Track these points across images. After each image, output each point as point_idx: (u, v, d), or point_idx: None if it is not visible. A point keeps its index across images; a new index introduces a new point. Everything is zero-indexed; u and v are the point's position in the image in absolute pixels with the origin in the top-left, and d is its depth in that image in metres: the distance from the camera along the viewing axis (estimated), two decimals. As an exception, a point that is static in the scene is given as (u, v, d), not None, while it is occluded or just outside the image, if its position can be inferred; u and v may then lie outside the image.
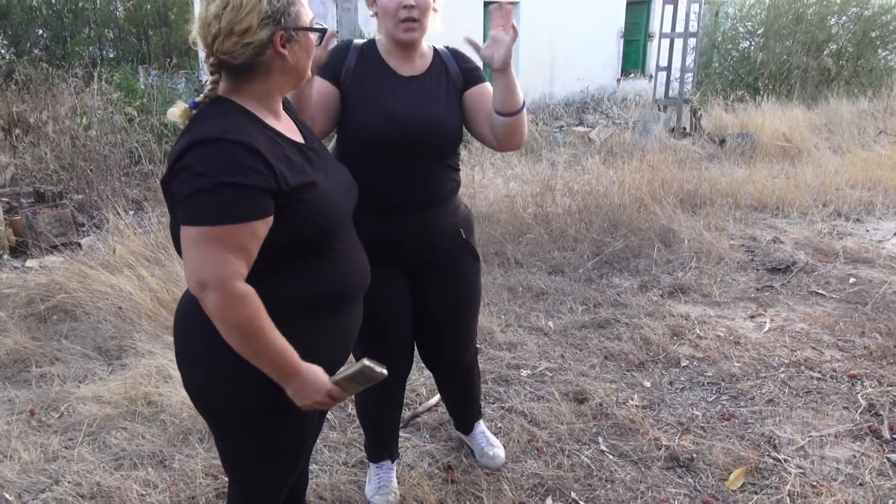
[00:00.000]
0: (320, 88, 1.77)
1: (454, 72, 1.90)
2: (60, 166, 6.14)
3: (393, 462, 2.32)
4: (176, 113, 1.31)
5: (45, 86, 7.38)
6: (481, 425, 2.52)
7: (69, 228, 4.86)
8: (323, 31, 1.39)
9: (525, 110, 1.82)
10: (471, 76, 1.91)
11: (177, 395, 2.78)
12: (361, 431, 2.61)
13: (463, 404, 2.44)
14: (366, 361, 1.36)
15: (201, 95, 1.32)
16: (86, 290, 3.75)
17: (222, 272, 1.20)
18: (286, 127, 1.41)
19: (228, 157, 1.21)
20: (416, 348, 2.18)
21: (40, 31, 18.34)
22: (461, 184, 2.02)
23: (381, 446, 2.29)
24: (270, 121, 1.35)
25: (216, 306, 1.21)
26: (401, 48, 1.84)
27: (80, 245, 4.70)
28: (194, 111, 1.31)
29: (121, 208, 4.89)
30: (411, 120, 1.79)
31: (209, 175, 1.19)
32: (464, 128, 1.94)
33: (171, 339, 3.28)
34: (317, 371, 1.33)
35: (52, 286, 3.85)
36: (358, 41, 1.88)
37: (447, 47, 1.97)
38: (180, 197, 1.22)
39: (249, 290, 1.23)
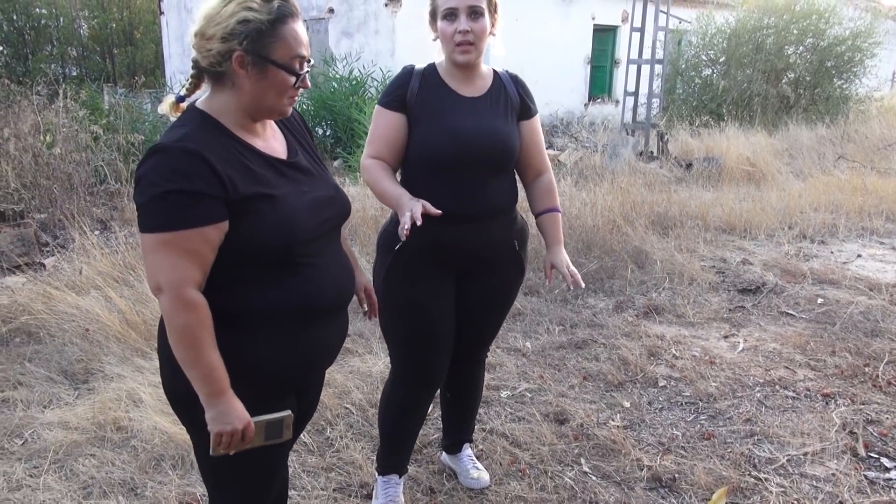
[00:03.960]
0: (390, 122, 1.89)
1: (513, 95, 2.00)
2: (22, 185, 5.95)
3: (401, 477, 2.29)
4: (164, 106, 1.42)
5: (6, 103, 7.19)
6: (468, 449, 2.49)
7: (32, 248, 4.71)
8: (296, 75, 1.36)
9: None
10: (527, 107, 2.03)
11: (148, 419, 2.69)
12: (340, 457, 2.57)
13: (462, 408, 2.41)
14: (290, 412, 1.39)
15: (184, 89, 1.41)
16: (50, 312, 3.63)
17: (175, 277, 1.26)
18: (265, 141, 1.44)
19: (175, 165, 1.26)
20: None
21: (1, 48, 17.99)
22: (518, 196, 2.08)
23: (393, 459, 2.26)
24: (240, 132, 1.38)
25: (167, 308, 1.28)
26: (460, 70, 1.93)
27: (43, 265, 4.56)
28: (180, 104, 1.41)
29: (86, 227, 4.76)
30: (473, 135, 1.88)
31: (158, 183, 1.25)
32: None
33: (141, 361, 3.19)
34: (240, 403, 1.34)
35: (15, 307, 3.72)
36: (419, 66, 1.96)
37: (507, 71, 2.06)
38: (137, 206, 1.29)
39: (200, 300, 1.29)
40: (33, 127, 6.62)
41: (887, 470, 2.51)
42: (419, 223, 1.65)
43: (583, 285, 1.94)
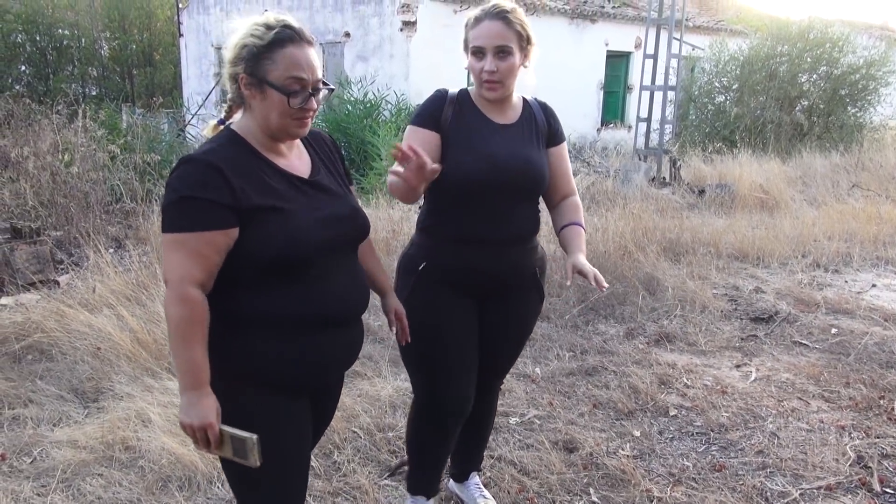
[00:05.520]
0: (424, 138, 1.90)
1: (541, 122, 2.03)
2: (39, 202, 6.03)
3: (429, 499, 2.28)
4: (207, 130, 1.58)
5: (27, 122, 7.31)
6: (476, 477, 2.46)
7: (47, 266, 4.76)
8: (287, 94, 1.44)
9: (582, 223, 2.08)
10: (555, 134, 2.06)
11: (156, 440, 2.69)
12: (347, 481, 2.55)
13: (471, 438, 2.37)
14: (256, 437, 1.43)
15: (223, 114, 1.58)
16: (63, 330, 3.65)
17: (179, 273, 1.39)
18: (289, 160, 1.55)
19: (193, 175, 1.41)
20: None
21: (23, 68, 18.34)
22: (539, 225, 2.09)
23: (423, 478, 2.24)
24: (264, 151, 1.50)
25: (167, 300, 1.41)
26: (488, 100, 1.96)
27: (58, 283, 4.60)
28: (220, 126, 1.56)
29: (101, 246, 4.81)
30: (506, 162, 1.90)
31: (178, 189, 1.40)
32: None
33: (150, 381, 3.20)
34: (213, 404, 1.43)
35: (28, 325, 3.75)
36: (452, 91, 1.99)
37: (536, 99, 2.10)
38: (161, 209, 1.44)
39: (197, 297, 1.40)
40: (52, 146, 6.72)
41: (903, 506, 2.46)
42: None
43: (606, 286, 1.88)
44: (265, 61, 1.43)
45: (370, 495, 2.45)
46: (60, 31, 18.73)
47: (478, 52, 1.88)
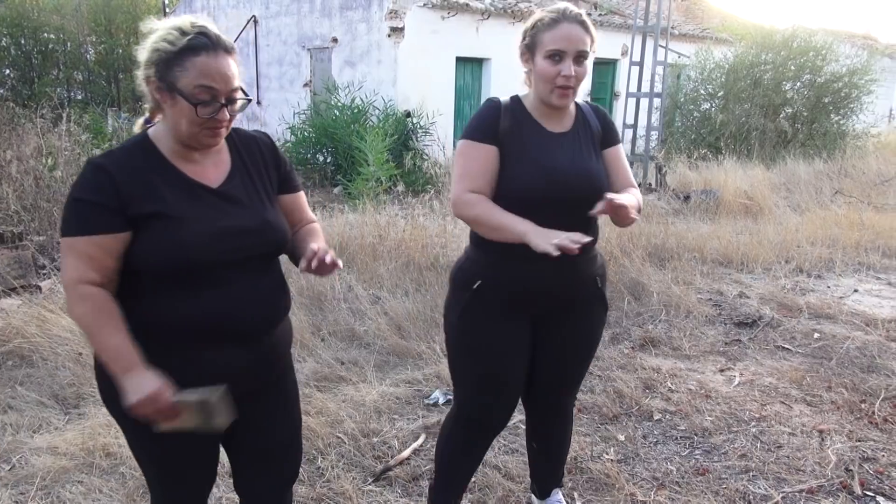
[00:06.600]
0: (483, 154, 1.84)
1: (595, 126, 1.97)
2: (22, 206, 5.98)
3: None
4: (136, 128, 1.56)
5: (10, 125, 7.25)
6: (559, 494, 2.39)
7: (29, 271, 4.70)
8: (195, 104, 1.39)
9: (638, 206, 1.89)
10: (609, 135, 2.00)
11: (138, 446, 2.66)
12: (330, 487, 2.54)
13: (548, 457, 2.34)
14: (219, 393, 1.42)
15: (147, 113, 1.55)
16: (44, 335, 3.61)
17: (71, 275, 1.40)
18: (201, 167, 1.51)
19: (86, 178, 1.41)
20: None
21: (7, 71, 18.19)
22: (599, 234, 2.03)
23: (448, 494, 2.21)
24: (172, 156, 1.48)
25: (67, 303, 1.42)
26: (549, 107, 1.89)
27: (39, 288, 4.55)
28: (147, 125, 1.54)
29: (84, 251, 4.76)
30: (567, 174, 1.85)
31: (72, 192, 1.42)
32: None
33: (133, 387, 3.16)
34: (155, 376, 1.40)
35: (9, 330, 3.70)
36: (503, 99, 1.92)
37: (588, 102, 2.04)
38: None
39: (93, 291, 1.39)
40: (36, 150, 6.66)
41: (883, 509, 2.49)
42: (582, 241, 1.62)
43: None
44: (176, 68, 1.39)
45: (354, 501, 2.44)
46: (46, 34, 18.61)
47: (555, 56, 1.80)
